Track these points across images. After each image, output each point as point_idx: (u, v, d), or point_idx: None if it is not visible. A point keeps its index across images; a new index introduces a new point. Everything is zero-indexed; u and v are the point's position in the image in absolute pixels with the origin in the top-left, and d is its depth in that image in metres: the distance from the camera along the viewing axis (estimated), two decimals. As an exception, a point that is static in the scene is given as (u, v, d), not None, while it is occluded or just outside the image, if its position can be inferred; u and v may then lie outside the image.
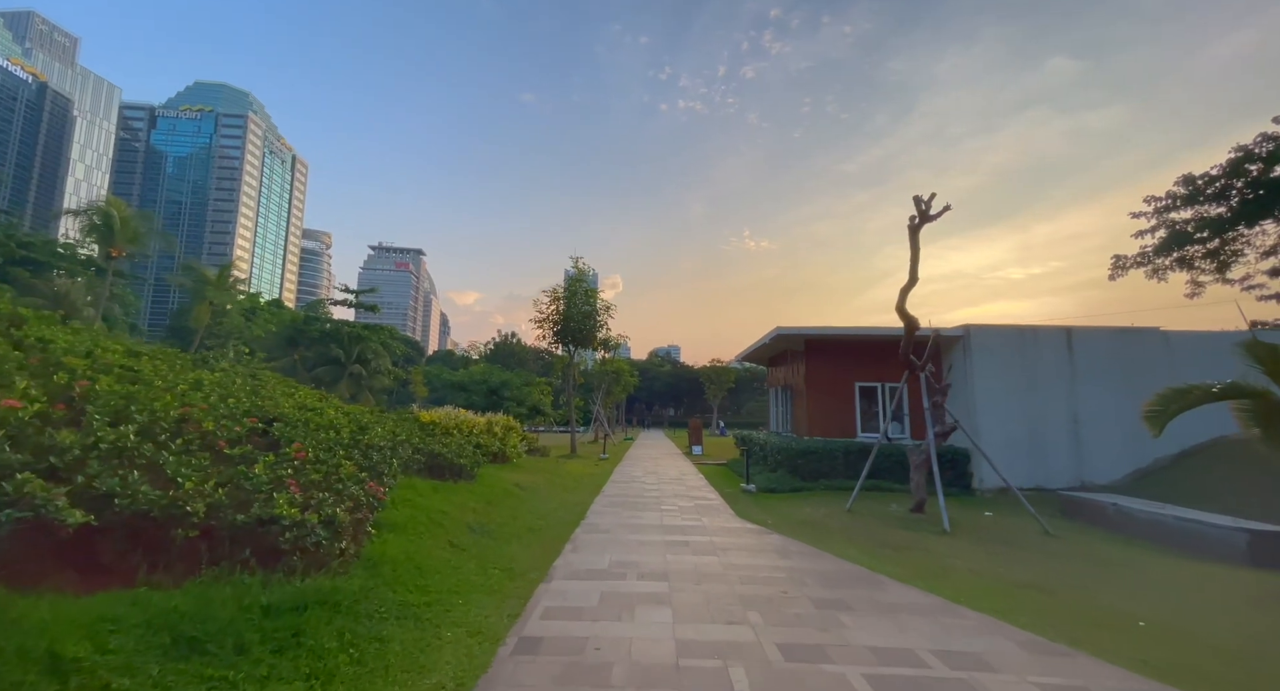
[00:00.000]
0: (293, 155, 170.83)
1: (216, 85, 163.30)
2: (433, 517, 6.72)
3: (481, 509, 8.20)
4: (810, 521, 9.56)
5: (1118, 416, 13.26)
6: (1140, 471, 13.03)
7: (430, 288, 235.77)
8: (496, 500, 9.02)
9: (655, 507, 10.47)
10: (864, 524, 9.34)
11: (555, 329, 22.67)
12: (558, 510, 9.79)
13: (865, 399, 14.73)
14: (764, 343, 15.24)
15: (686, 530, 8.48)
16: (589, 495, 11.78)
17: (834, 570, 6.49)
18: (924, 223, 9.07)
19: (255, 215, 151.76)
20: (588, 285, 22.98)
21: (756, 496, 12.38)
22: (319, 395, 8.96)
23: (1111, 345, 13.53)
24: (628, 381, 43.16)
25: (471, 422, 12.42)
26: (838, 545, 7.87)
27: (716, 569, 6.36)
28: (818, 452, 13.19)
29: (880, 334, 14.22)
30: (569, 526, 8.55)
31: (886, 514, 10.12)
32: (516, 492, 10.23)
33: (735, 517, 9.73)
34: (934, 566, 6.90)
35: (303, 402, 7.63)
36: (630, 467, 18.03)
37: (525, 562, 6.42)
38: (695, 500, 11.51)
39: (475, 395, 24.16)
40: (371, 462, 6.21)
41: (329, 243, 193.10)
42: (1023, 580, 6.41)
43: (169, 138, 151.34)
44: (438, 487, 8.03)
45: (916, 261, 9.21)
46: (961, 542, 8.27)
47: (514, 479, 11.59)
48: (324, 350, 39.34)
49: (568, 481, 13.62)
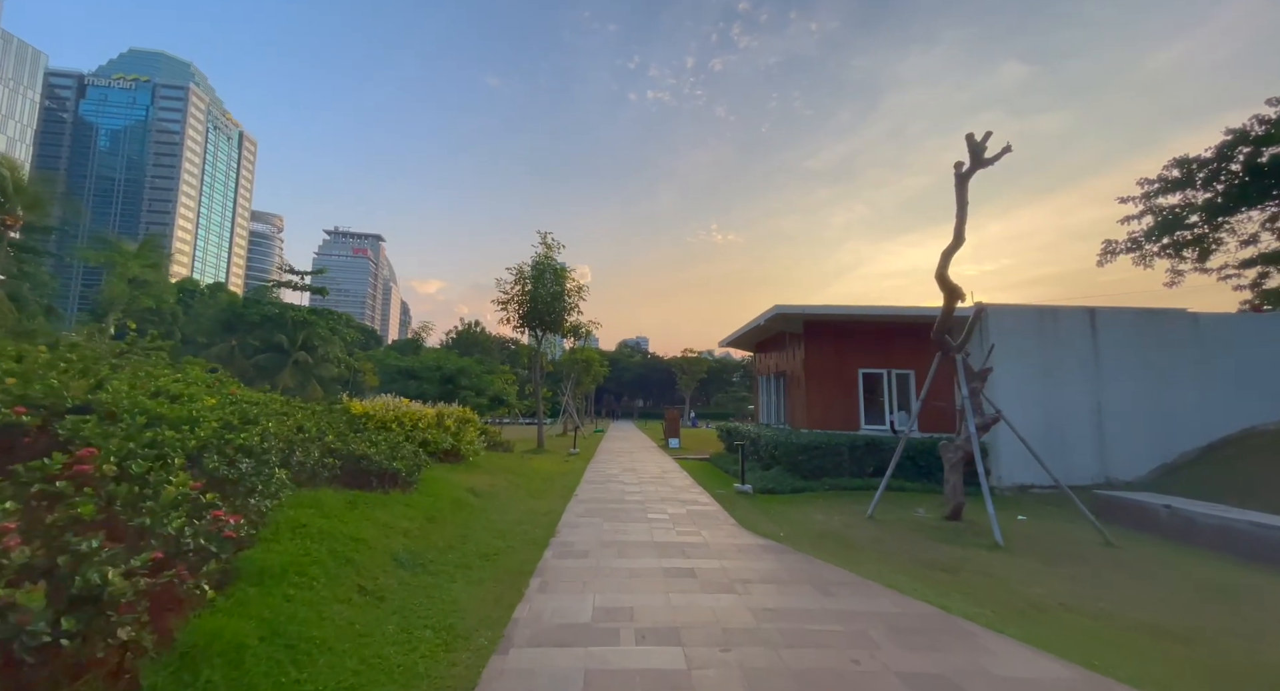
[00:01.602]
0: (239, 131, 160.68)
1: (154, 53, 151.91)
2: (339, 550, 4.71)
3: (419, 529, 6.20)
4: (830, 533, 7.91)
5: (1143, 406, 12.11)
6: (1166, 466, 11.91)
7: (390, 275, 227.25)
8: (442, 514, 7.02)
9: (641, 516, 8.64)
10: (896, 536, 7.74)
11: (521, 311, 20.53)
12: (522, 523, 7.85)
13: (869, 387, 13.22)
14: (758, 324, 13.56)
15: (687, 550, 6.68)
16: (560, 501, 9.87)
17: (898, 613, 4.78)
18: (976, 168, 7.44)
19: (198, 194, 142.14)
20: (557, 264, 20.88)
21: (754, 498, 10.71)
22: (210, 380, 6.79)
23: (1136, 328, 12.34)
24: (598, 371, 41.20)
25: (416, 415, 10.32)
26: (879, 568, 6.21)
27: (744, 617, 4.57)
28: (821, 448, 11.60)
29: (890, 314, 12.70)
30: (536, 548, 6.63)
31: (916, 521, 8.56)
32: (470, 502, 8.24)
33: (740, 529, 7.99)
34: (1013, 599, 5.30)
35: (164, 388, 5.48)
36: (605, 464, 16.16)
37: (473, 614, 4.50)
38: (686, 505, 9.74)
39: (428, 383, 21.68)
40: (237, 475, 4.15)
41: (281, 226, 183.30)
42: (1140, 620, 4.85)
43: (100, 108, 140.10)
44: (357, 502, 5.99)
45: (964, 217, 7.58)
46: (1021, 560, 6.73)
47: (468, 482, 9.57)
48: (266, 336, 36.09)
49: (534, 483, 11.66)
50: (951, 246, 7.79)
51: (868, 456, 11.96)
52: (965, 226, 7.58)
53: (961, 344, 8.51)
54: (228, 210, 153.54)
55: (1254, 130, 21.00)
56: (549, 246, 20.60)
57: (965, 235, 7.63)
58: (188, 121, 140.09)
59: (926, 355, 13.38)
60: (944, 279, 8.02)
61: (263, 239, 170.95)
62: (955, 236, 7.68)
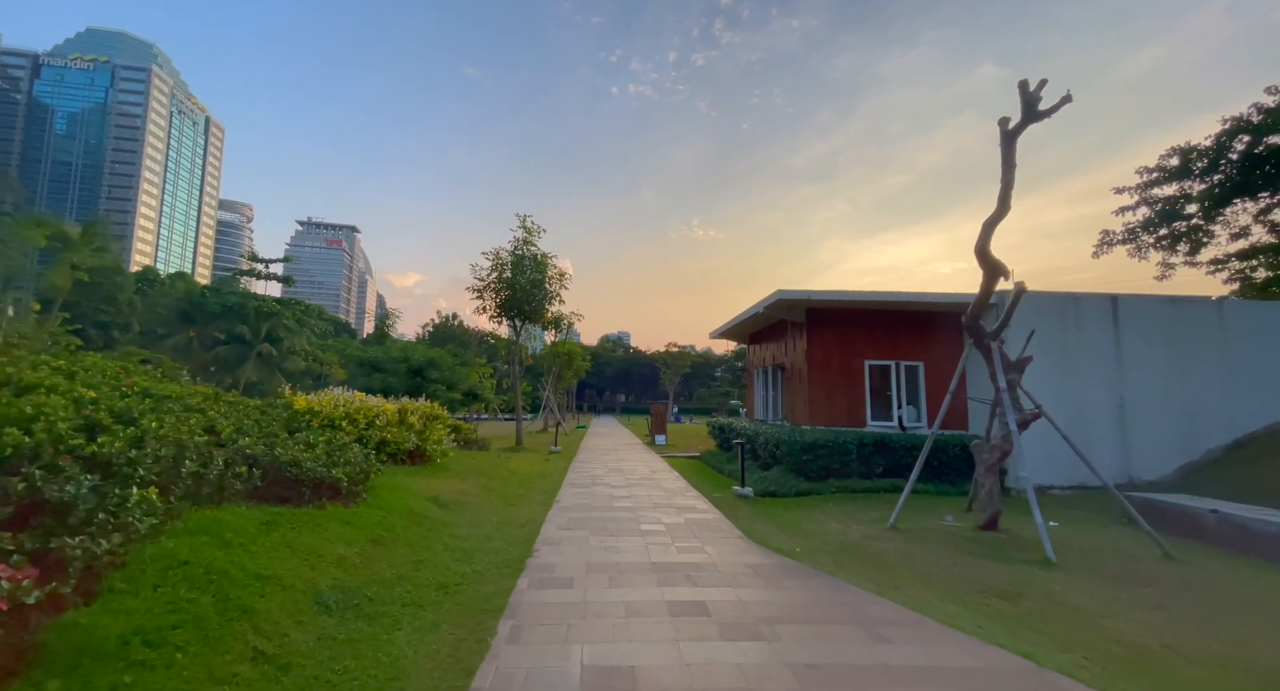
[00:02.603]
0: (206, 116, 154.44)
1: (114, 33, 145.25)
2: (234, 596, 3.45)
3: (359, 555, 4.94)
4: (852, 547, 6.84)
5: (1167, 400, 11.33)
6: (1190, 465, 11.15)
7: (366, 267, 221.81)
8: (393, 532, 5.76)
9: (633, 528, 7.48)
10: (928, 551, 6.70)
11: (498, 300, 19.13)
12: (493, 539, 6.63)
13: (875, 380, 12.22)
14: (757, 311, 12.46)
15: (693, 574, 5.53)
16: (539, 508, 8.65)
17: (978, 668, 3.70)
18: (1029, 122, 6.36)
19: (162, 181, 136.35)
20: (538, 250, 19.52)
21: (756, 503, 9.63)
22: (111, 369, 5.44)
23: (1160, 317, 11.54)
24: (580, 366, 39.90)
25: (372, 411, 8.97)
26: (924, 595, 5.16)
27: (784, 682, 3.43)
28: (828, 446, 10.56)
29: (901, 300, 11.71)
30: (508, 574, 5.42)
31: (945, 532, 7.54)
32: (431, 514, 6.97)
33: (748, 543, 6.88)
34: (1103, 640, 4.26)
35: (12, 378, 4.14)
36: (589, 463, 14.97)
37: (417, 682, 3.29)
38: (683, 512, 8.60)
39: (394, 376, 19.99)
40: (66, 498, 2.87)
41: (250, 215, 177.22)
42: (1267, 668, 3.86)
43: (56, 89, 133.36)
44: (277, 522, 4.71)
45: (1011, 181, 6.49)
46: (1083, 580, 5.74)
47: (432, 489, 8.29)
48: (226, 327, 34.04)
49: (511, 487, 10.42)
50: (995, 216, 6.72)
51: (877, 456, 10.96)
52: (1011, 192, 6.51)
53: (999, 329, 7.50)
54: (194, 198, 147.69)
55: (1253, 119, 20.57)
56: (529, 230, 19.22)
57: (1011, 202, 6.58)
58: (150, 105, 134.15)
59: (937, 345, 12.50)
60: (985, 254, 6.94)
61: (231, 229, 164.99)
62: (1000, 204, 6.61)
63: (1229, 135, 20.84)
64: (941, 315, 12.28)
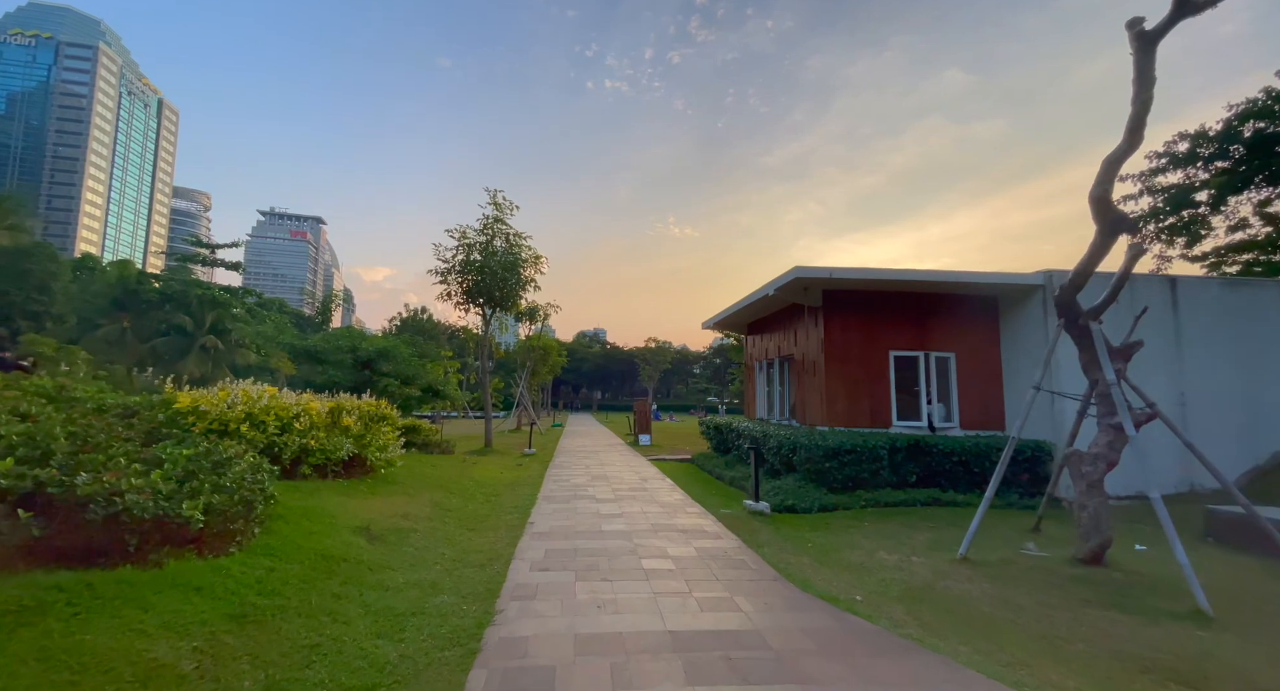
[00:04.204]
0: (159, 99, 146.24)
1: (57, 7, 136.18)
2: None
3: (199, 653, 2.99)
4: (927, 591, 5.14)
5: (1230, 396, 10.00)
6: (1257, 470, 9.83)
7: (332, 260, 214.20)
8: (276, 599, 3.79)
9: (632, 565, 5.64)
10: (1031, 597, 5.03)
11: (465, 285, 17.01)
12: (438, 592, 4.71)
13: (901, 374, 10.63)
14: (767, 293, 10.70)
15: (732, 653, 3.71)
16: (507, 535, 6.74)
17: None
18: (1182, 17, 4.63)
19: (110, 166, 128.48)
20: (510, 229, 17.46)
21: (774, 521, 7.91)
22: None
23: (1222, 303, 10.21)
24: (556, 361, 37.87)
25: (289, 411, 6.90)
26: (1067, 679, 3.47)
27: None
28: (855, 452, 8.89)
29: (939, 279, 10.12)
30: (453, 666, 3.51)
31: (1035, 565, 5.89)
32: (353, 555, 5.00)
33: (788, 587, 5.11)
34: None
35: None
36: (568, 469, 13.06)
37: None
38: (690, 538, 6.80)
39: (338, 369, 17.54)
40: None
41: (208, 204, 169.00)
42: None
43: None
44: (43, 608, 2.74)
45: (1147, 102, 4.69)
46: (1270, 649, 4.13)
47: (365, 513, 6.31)
48: (166, 317, 31.00)
49: (472, 504, 8.47)
50: (1122, 150, 5.00)
51: (909, 462, 9.36)
52: (1146, 117, 4.82)
53: (1103, 305, 5.90)
54: (145, 184, 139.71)
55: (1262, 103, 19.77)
56: (500, 207, 17.15)
57: (1144, 131, 4.91)
58: (97, 84, 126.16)
59: (970, 335, 10.94)
60: (1106, 202, 5.21)
61: (187, 217, 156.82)
62: (1129, 134, 4.89)
63: (1240, 119, 20.01)
64: (974, 299, 10.75)
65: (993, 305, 10.91)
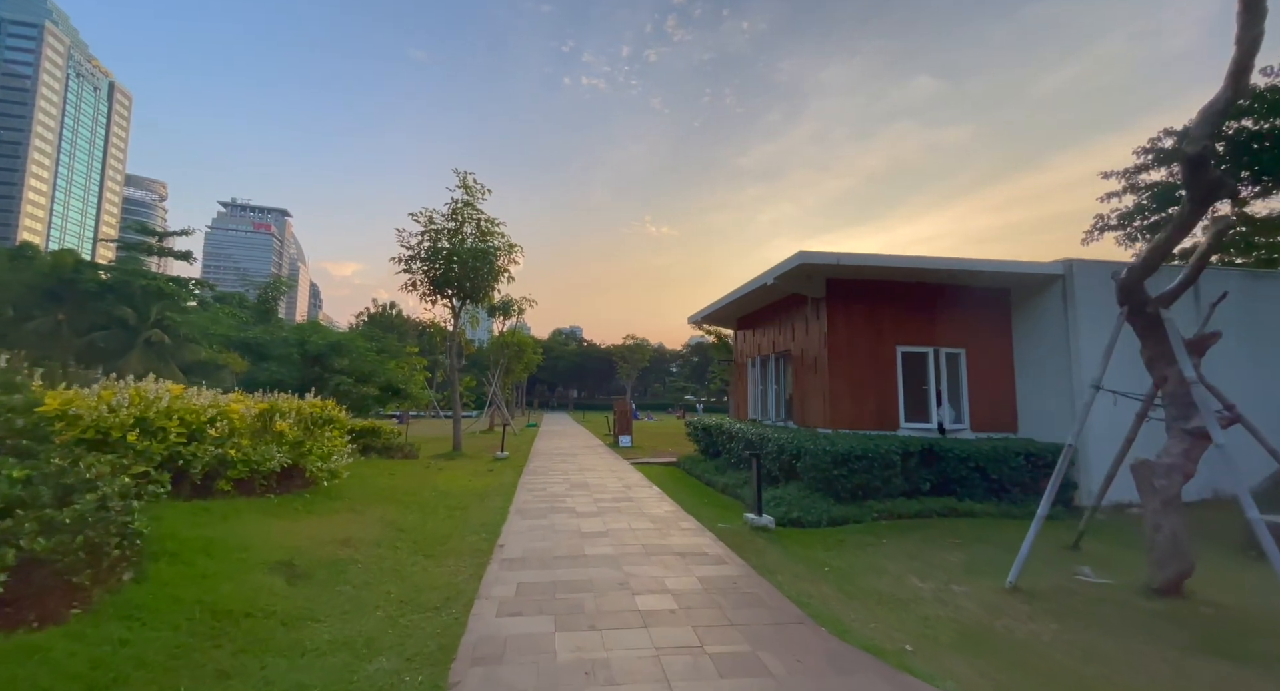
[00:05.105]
0: (110, 82, 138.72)
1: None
2: None
3: None
4: (984, 635, 4.21)
5: (1251, 393, 9.41)
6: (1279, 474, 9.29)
7: (298, 254, 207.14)
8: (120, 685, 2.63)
9: (624, 603, 4.58)
10: (1109, 641, 4.14)
11: (433, 274, 15.65)
12: (375, 653, 3.56)
13: (908, 372, 9.80)
14: (765, 283, 9.74)
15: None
16: (470, 564, 5.60)
17: None
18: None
19: (56, 150, 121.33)
20: (481, 215, 16.16)
21: (780, 537, 6.95)
22: None
23: (1245, 295, 9.67)
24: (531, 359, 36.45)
25: (202, 414, 5.62)
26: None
27: None
28: (866, 457, 7.98)
29: (955, 267, 9.30)
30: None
31: (1100, 595, 5.02)
32: (262, 604, 3.82)
33: (817, 632, 4.12)
34: None
35: None
36: (544, 475, 11.92)
37: None
38: (689, 562, 5.77)
39: (284, 365, 15.97)
40: None
41: (164, 193, 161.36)
42: None
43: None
44: None
45: (1258, 39, 3.84)
46: None
47: (292, 540, 5.11)
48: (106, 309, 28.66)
49: (432, 521, 7.28)
50: (1223, 99, 4.03)
51: (923, 469, 8.51)
52: (1252, 62, 3.93)
53: (1177, 290, 5.08)
54: (94, 170, 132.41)
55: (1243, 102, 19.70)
56: (470, 190, 15.85)
57: (1249, 79, 4.02)
58: (42, 65, 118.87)
59: (981, 329, 10.14)
60: (1203, 162, 4.26)
61: (141, 206, 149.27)
62: (1230, 80, 3.92)
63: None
64: (984, 291, 9.99)
65: (1004, 297, 10.16)
